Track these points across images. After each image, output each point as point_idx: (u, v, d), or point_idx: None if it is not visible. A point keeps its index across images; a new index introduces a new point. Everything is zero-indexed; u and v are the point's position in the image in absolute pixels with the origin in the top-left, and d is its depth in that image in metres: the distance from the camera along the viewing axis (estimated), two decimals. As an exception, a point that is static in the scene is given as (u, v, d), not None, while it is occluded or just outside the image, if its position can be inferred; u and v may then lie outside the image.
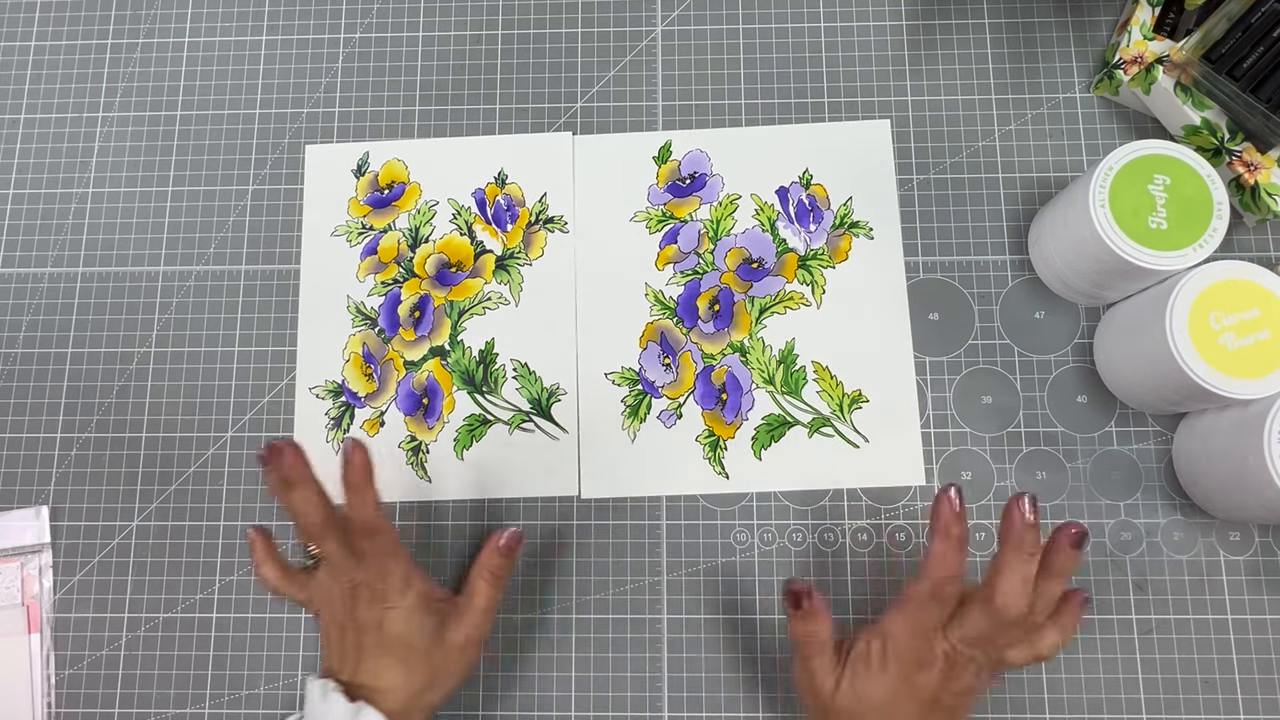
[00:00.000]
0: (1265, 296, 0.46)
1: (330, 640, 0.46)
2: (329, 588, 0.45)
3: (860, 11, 0.59)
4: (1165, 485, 0.52)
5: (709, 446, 0.53)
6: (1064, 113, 0.56)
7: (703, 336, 0.54)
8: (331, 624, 0.45)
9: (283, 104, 0.59)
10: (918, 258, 0.55)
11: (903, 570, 0.51)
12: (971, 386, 0.53)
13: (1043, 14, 0.58)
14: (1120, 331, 0.50)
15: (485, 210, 0.57)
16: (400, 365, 0.55)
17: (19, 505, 0.54)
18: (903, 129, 0.57)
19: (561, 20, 0.59)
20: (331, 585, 0.45)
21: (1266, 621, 0.50)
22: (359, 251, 0.56)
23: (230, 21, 0.60)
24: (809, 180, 0.56)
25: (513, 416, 0.54)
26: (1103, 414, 0.53)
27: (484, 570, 0.46)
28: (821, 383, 0.53)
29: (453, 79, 0.59)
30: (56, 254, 0.57)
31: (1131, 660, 0.50)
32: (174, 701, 0.51)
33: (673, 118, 0.58)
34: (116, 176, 0.58)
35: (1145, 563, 0.51)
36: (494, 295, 0.55)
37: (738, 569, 0.52)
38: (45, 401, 0.55)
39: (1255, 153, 0.51)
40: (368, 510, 0.44)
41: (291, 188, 0.58)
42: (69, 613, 0.53)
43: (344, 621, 0.45)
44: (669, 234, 0.56)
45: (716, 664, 0.51)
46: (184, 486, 0.54)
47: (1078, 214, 0.48)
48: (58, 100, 0.59)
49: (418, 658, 0.45)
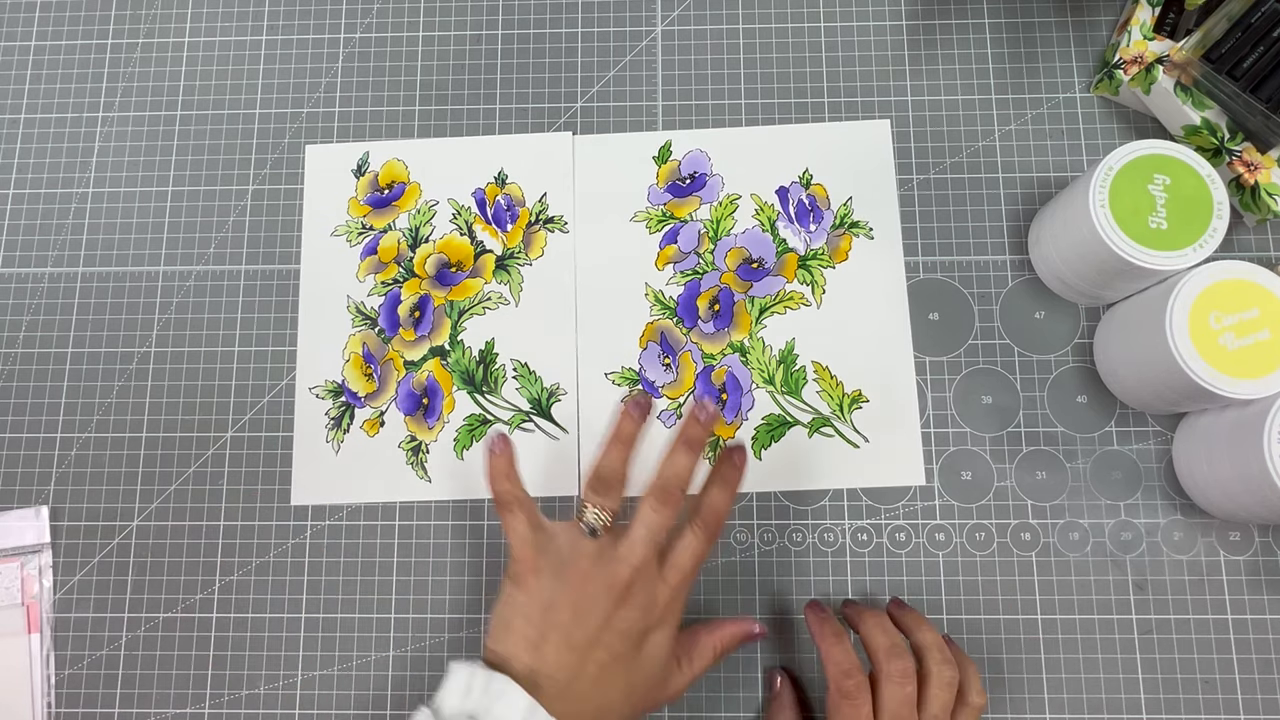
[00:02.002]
0: (1265, 296, 0.46)
1: (544, 622, 0.40)
2: (589, 562, 0.40)
3: (860, 11, 0.59)
4: (1165, 485, 0.52)
5: (709, 446, 0.53)
6: (1064, 113, 0.56)
7: (703, 336, 0.54)
8: (554, 603, 0.40)
9: (283, 104, 0.59)
10: (918, 258, 0.55)
11: (903, 570, 0.51)
12: (971, 386, 0.53)
13: (1043, 14, 0.58)
14: (1120, 331, 0.50)
15: (485, 210, 0.57)
16: (400, 365, 0.55)
17: (19, 505, 0.54)
18: (903, 129, 0.57)
19: (561, 20, 0.59)
20: (596, 561, 0.40)
21: (1266, 621, 0.50)
22: (359, 251, 0.56)
23: (230, 21, 0.60)
24: (809, 180, 0.56)
25: (513, 416, 0.54)
26: (1103, 414, 0.53)
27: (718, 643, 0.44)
28: (821, 383, 0.53)
29: (453, 79, 0.59)
30: (56, 254, 0.57)
31: (1131, 660, 0.50)
32: (174, 701, 0.51)
33: (673, 118, 0.58)
34: (116, 176, 0.58)
35: (1145, 563, 0.51)
36: (494, 295, 0.55)
37: (738, 569, 0.52)
38: (45, 401, 0.55)
39: (1255, 153, 0.51)
40: (724, 501, 0.43)
41: (291, 188, 0.58)
42: (69, 613, 0.53)
43: (580, 609, 0.39)
44: (669, 234, 0.56)
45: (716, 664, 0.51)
46: (184, 486, 0.54)
47: (1078, 214, 0.48)
48: (58, 100, 0.59)
49: (637, 694, 0.40)
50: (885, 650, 0.43)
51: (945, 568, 0.51)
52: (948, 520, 0.52)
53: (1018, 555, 0.51)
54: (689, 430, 0.44)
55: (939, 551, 0.51)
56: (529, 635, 0.40)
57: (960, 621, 0.51)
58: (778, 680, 0.49)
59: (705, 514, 0.44)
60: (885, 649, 0.43)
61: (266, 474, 0.54)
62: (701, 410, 0.44)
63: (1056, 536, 0.51)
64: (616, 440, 0.45)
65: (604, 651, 0.40)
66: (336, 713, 0.51)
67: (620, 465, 0.44)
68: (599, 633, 0.40)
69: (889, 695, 0.42)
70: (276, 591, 0.52)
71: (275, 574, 0.53)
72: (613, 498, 0.43)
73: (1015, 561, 0.51)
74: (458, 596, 0.52)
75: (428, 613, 0.52)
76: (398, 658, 0.51)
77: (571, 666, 0.39)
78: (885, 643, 0.44)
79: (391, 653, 0.51)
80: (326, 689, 0.51)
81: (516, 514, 0.43)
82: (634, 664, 0.41)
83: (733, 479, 0.45)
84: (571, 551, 0.42)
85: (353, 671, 0.51)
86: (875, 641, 0.44)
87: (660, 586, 0.42)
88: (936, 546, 0.51)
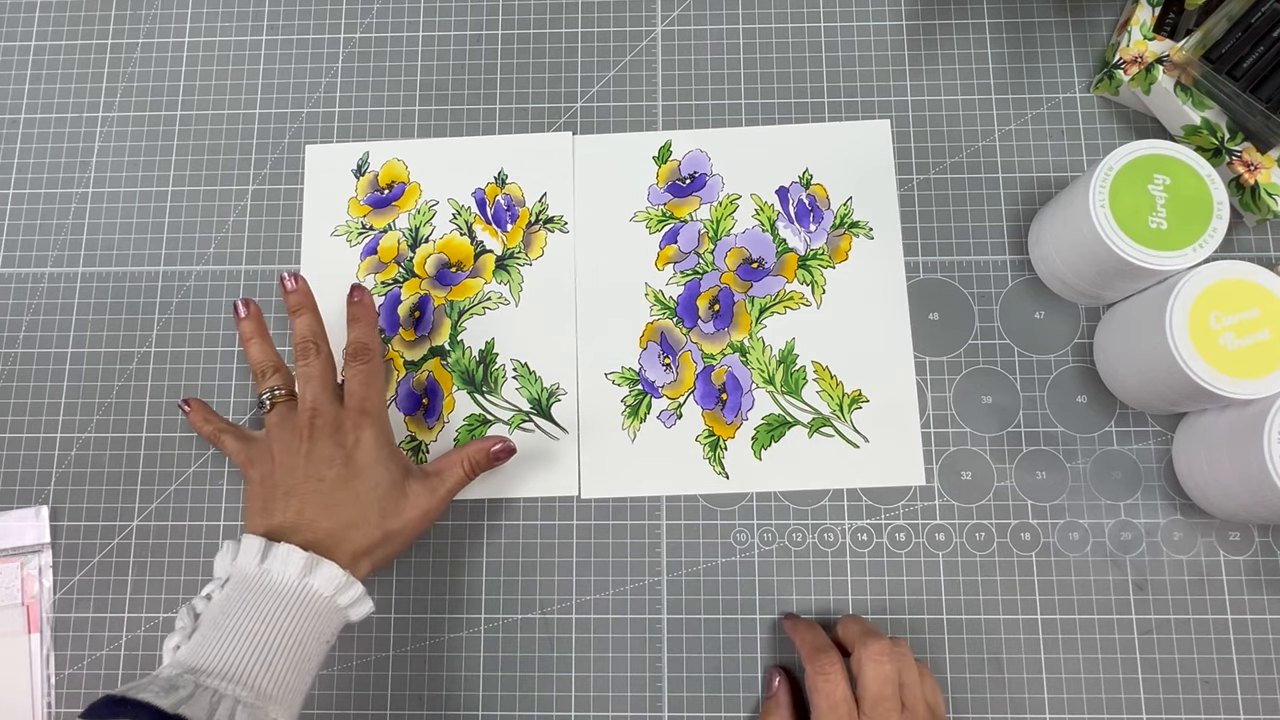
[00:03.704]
0: (1265, 296, 0.46)
1: (265, 491, 0.46)
2: (280, 430, 0.47)
3: (860, 11, 0.59)
4: (1165, 485, 0.52)
5: (709, 446, 0.53)
6: (1064, 113, 0.56)
7: (703, 336, 0.54)
8: (272, 472, 0.46)
9: (283, 104, 0.59)
10: (918, 258, 0.55)
11: (903, 570, 0.51)
12: (971, 386, 0.53)
13: (1043, 14, 0.58)
14: (1120, 331, 0.50)
15: (485, 210, 0.57)
16: (400, 365, 0.55)
17: (19, 505, 0.54)
18: (903, 129, 0.57)
19: (561, 20, 0.59)
20: (285, 423, 0.47)
21: (1266, 621, 0.50)
22: (359, 251, 0.56)
23: (230, 21, 0.60)
24: (809, 180, 0.56)
25: (513, 416, 0.54)
26: (1103, 414, 0.53)
27: (465, 459, 0.49)
28: (821, 383, 0.53)
29: (453, 79, 0.59)
30: (56, 254, 0.57)
31: (1131, 660, 0.50)
32: (174, 701, 0.51)
33: (673, 118, 0.58)
34: (116, 176, 0.58)
35: (1145, 563, 0.51)
36: (494, 295, 0.55)
37: (738, 569, 0.52)
38: (45, 401, 0.55)
39: (1255, 153, 0.51)
40: (370, 332, 0.50)
41: (291, 188, 0.58)
42: (69, 613, 0.53)
43: (291, 463, 0.45)
44: (669, 234, 0.56)
45: (716, 664, 0.51)
46: (184, 486, 0.54)
47: (1078, 214, 0.48)
48: (58, 100, 0.59)
49: (372, 508, 0.45)
50: (860, 634, 0.46)
51: (945, 568, 0.51)
52: (948, 520, 0.52)
53: (1018, 555, 0.51)
54: (289, 300, 0.50)
55: (939, 551, 0.51)
56: (259, 507, 0.46)
57: (960, 621, 0.51)
58: (775, 680, 0.49)
59: (350, 349, 0.49)
60: (859, 634, 0.46)
61: (266, 474, 0.54)
62: (288, 282, 0.51)
63: (1056, 536, 0.51)
64: (248, 341, 0.51)
65: (314, 481, 0.45)
66: (336, 713, 0.51)
67: (262, 353, 0.50)
68: (305, 469, 0.45)
69: (871, 675, 0.44)
70: (276, 591, 0.52)
71: (275, 574, 0.53)
72: (276, 378, 0.49)
73: (1015, 561, 0.51)
74: (458, 597, 0.52)
75: (428, 613, 0.52)
76: (398, 658, 0.51)
77: (296, 508, 0.44)
78: (858, 629, 0.46)
79: (391, 653, 0.51)
80: (327, 689, 0.51)
81: (225, 441, 0.50)
82: (352, 477, 0.45)
83: (362, 315, 0.50)
84: (268, 433, 0.48)
85: (353, 671, 0.51)
86: (849, 631, 0.47)
87: (339, 412, 0.47)
88: (936, 546, 0.52)
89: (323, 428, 0.46)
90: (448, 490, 0.48)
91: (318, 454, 0.46)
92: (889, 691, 0.43)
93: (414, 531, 0.47)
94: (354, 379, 0.48)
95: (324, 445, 0.46)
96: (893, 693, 0.43)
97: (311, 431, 0.46)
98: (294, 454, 0.46)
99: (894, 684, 0.44)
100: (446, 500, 0.48)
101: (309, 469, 0.45)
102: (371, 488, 0.46)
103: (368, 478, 0.46)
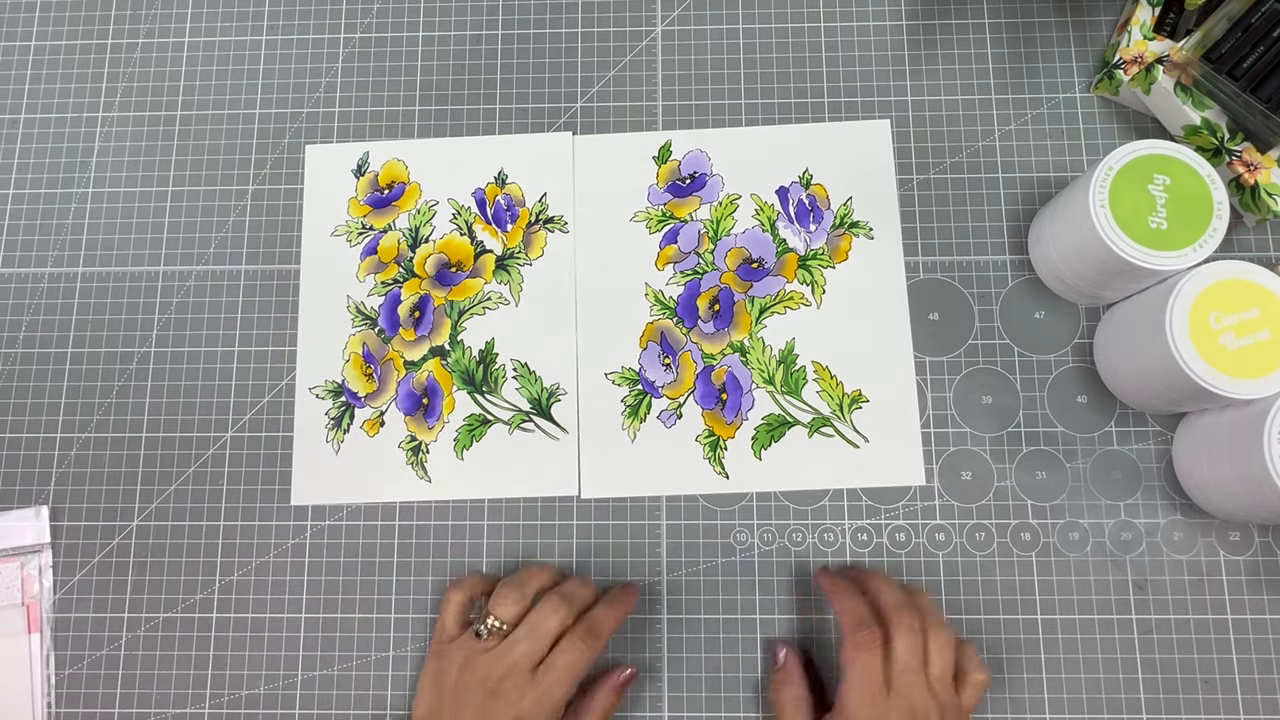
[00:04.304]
0: (1265, 296, 0.46)
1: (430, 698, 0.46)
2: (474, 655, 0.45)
3: (860, 11, 0.59)
4: (1165, 485, 0.52)
5: (709, 446, 0.53)
6: (1064, 113, 0.56)
7: (703, 336, 0.54)
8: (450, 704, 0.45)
9: (283, 104, 0.59)
10: (918, 258, 0.55)
11: (903, 570, 0.51)
12: (971, 386, 0.53)
13: (1043, 14, 0.58)
14: (1120, 331, 0.50)
15: (485, 210, 0.57)
16: (400, 365, 0.55)
17: (19, 505, 0.54)
18: (903, 129, 0.57)
19: (561, 20, 0.59)
20: (481, 654, 0.45)
21: (1266, 621, 0.50)
22: (359, 251, 0.56)
23: (230, 21, 0.60)
24: (809, 180, 0.56)
25: (513, 416, 0.54)
26: (1103, 414, 0.53)
27: (597, 711, 0.47)
28: (821, 383, 0.53)
29: (453, 79, 0.59)
30: (56, 254, 0.57)
31: (1131, 660, 0.50)
32: (174, 701, 0.51)
33: (673, 118, 0.58)
34: (116, 176, 0.58)
35: (1145, 563, 0.51)
36: (494, 295, 0.55)
37: (738, 569, 0.52)
38: (45, 401, 0.55)
39: (1255, 153, 0.51)
40: (613, 623, 0.47)
41: (291, 188, 0.58)
42: (69, 613, 0.53)
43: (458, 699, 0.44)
44: (669, 234, 0.56)
45: (716, 664, 0.51)
46: (184, 486, 0.54)
47: (1078, 214, 0.48)
48: (58, 100, 0.59)
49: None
50: (894, 604, 0.45)
51: (945, 568, 0.51)
52: (948, 520, 0.52)
53: (1018, 555, 0.51)
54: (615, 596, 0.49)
55: (939, 551, 0.51)
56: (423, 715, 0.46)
57: (960, 621, 0.51)
58: (782, 652, 0.49)
59: (588, 624, 0.46)
60: (894, 603, 0.45)
61: (266, 474, 0.54)
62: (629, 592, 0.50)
63: (1056, 536, 0.51)
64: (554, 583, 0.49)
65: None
66: (336, 713, 0.51)
67: (537, 586, 0.48)
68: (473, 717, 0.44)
69: (902, 645, 0.44)
70: (276, 591, 0.52)
71: (275, 574, 0.53)
72: (514, 610, 0.46)
73: (1015, 561, 0.51)
74: (458, 596, 0.52)
75: (427, 613, 0.52)
76: (398, 658, 0.51)
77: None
78: (894, 598, 0.46)
79: (391, 653, 0.51)
80: (326, 689, 0.51)
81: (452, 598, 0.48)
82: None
83: (620, 604, 0.48)
84: (465, 645, 0.46)
85: (353, 671, 0.51)
86: (885, 597, 0.46)
87: (531, 685, 0.45)
88: (936, 546, 0.52)
89: (510, 690, 0.45)
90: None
91: (493, 714, 0.45)
92: (916, 663, 0.44)
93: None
94: (563, 656, 0.45)
95: (501, 707, 0.44)
96: (919, 664, 0.44)
97: (499, 689, 0.45)
98: (471, 696, 0.45)
99: (920, 655, 0.44)
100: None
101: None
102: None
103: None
